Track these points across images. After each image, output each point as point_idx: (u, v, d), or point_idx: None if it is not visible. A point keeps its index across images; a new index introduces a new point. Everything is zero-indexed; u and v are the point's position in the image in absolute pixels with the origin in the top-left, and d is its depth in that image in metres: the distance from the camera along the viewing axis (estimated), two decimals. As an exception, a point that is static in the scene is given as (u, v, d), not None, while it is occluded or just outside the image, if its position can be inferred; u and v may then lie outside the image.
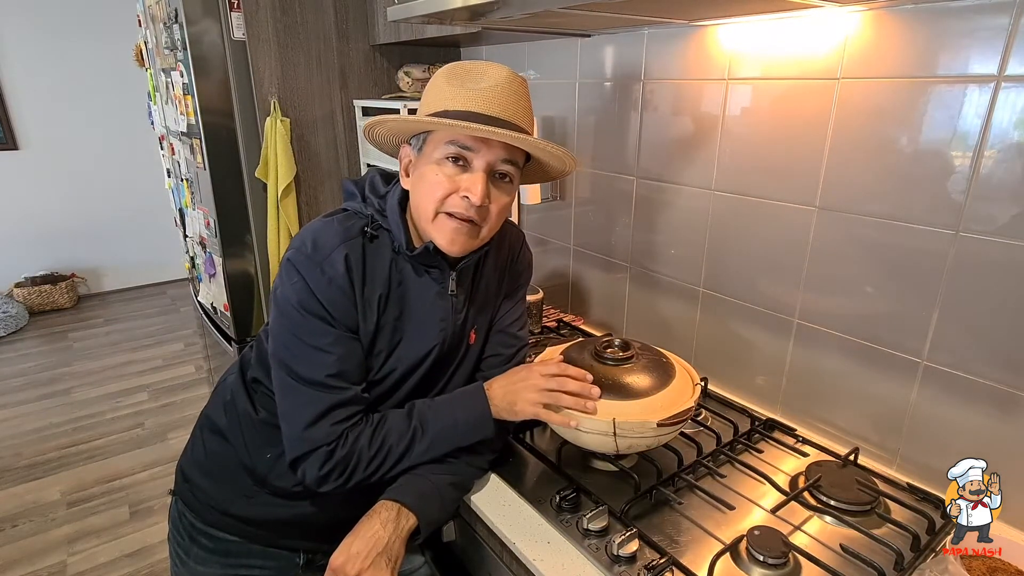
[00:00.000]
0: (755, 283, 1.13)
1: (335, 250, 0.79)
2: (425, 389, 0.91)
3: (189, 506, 0.94)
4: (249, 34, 1.57)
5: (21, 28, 3.54)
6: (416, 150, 0.82)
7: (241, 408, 0.91)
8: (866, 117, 0.90)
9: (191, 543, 0.94)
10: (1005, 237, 0.79)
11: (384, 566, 0.76)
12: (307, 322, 0.78)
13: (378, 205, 0.85)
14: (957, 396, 0.88)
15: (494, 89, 0.77)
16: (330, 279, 0.78)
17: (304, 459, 0.80)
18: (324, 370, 0.79)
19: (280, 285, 0.81)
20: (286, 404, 0.81)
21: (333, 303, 0.78)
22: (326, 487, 0.81)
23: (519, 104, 0.79)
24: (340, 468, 0.80)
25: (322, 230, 0.81)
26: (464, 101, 0.76)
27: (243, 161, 1.70)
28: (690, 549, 0.79)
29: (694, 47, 1.13)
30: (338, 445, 0.79)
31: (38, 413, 2.72)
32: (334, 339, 0.79)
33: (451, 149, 0.77)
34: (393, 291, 0.84)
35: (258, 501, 0.90)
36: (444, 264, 0.86)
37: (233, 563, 0.93)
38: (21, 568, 1.86)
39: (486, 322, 0.97)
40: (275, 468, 0.88)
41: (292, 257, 0.80)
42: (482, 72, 0.79)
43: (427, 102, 0.80)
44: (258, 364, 0.90)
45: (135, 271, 4.28)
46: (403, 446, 0.82)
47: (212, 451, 0.93)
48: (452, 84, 0.77)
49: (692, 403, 0.87)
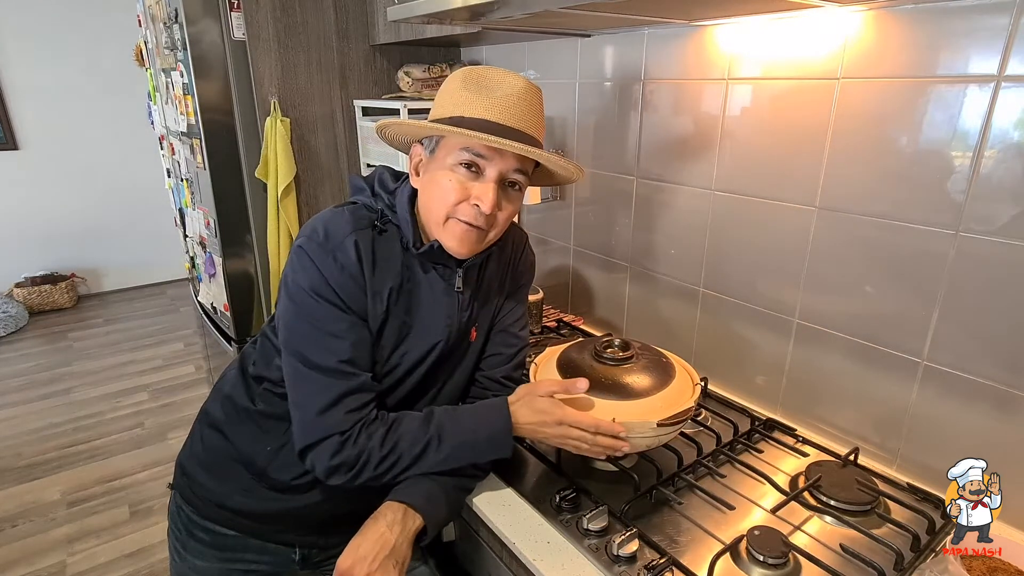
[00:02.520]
0: (755, 283, 1.13)
1: (346, 237, 0.80)
2: (427, 385, 0.91)
3: (187, 500, 0.95)
4: (249, 34, 1.57)
5: (21, 28, 3.54)
6: (428, 151, 0.83)
7: (240, 403, 0.91)
8: (866, 117, 0.90)
9: (188, 537, 0.95)
10: (1005, 237, 0.79)
11: (391, 568, 0.76)
12: (320, 308, 0.79)
13: (388, 200, 0.86)
14: (957, 396, 0.88)
15: (510, 98, 0.77)
16: (342, 266, 0.79)
17: (315, 447, 0.79)
18: (337, 356, 0.79)
19: (292, 272, 0.81)
20: (298, 392, 0.81)
21: (345, 289, 0.79)
22: (334, 480, 0.80)
23: (533, 114, 0.80)
24: (350, 463, 0.79)
25: (333, 219, 0.82)
26: (480, 109, 0.77)
27: (243, 161, 1.70)
28: (690, 549, 0.79)
29: (694, 47, 1.13)
30: (350, 438, 0.79)
31: (38, 413, 2.72)
32: (347, 325, 0.80)
33: (465, 156, 0.78)
34: (404, 285, 0.85)
35: (255, 495, 0.90)
36: (451, 262, 0.87)
37: (229, 557, 0.94)
38: (21, 568, 1.86)
39: (487, 320, 0.97)
40: (274, 461, 0.88)
41: (304, 245, 0.80)
42: (499, 80, 0.79)
43: (441, 105, 0.81)
44: (261, 360, 0.90)
45: (135, 271, 4.28)
46: (416, 452, 0.81)
47: (210, 446, 0.93)
48: (468, 90, 0.78)
49: (692, 403, 0.87)
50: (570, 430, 0.82)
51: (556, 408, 0.83)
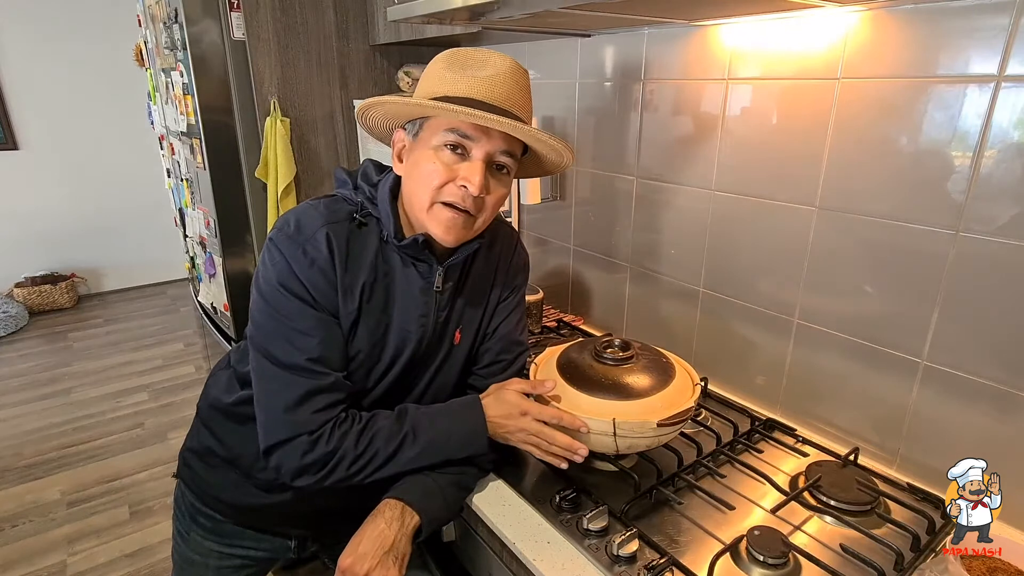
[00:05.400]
0: (755, 283, 1.13)
1: (318, 230, 0.77)
2: (404, 387, 0.89)
3: (190, 488, 0.97)
4: (249, 34, 1.57)
5: (21, 28, 3.54)
6: (412, 136, 0.80)
7: (225, 403, 0.91)
8: (866, 117, 0.90)
9: (191, 522, 0.98)
10: (1005, 237, 0.79)
11: (391, 564, 0.76)
12: (288, 303, 0.76)
13: (369, 192, 0.83)
14: (957, 396, 0.88)
15: (496, 77, 0.75)
16: (312, 260, 0.76)
17: (281, 447, 0.77)
18: (304, 354, 0.76)
19: (261, 266, 0.78)
20: (262, 390, 0.79)
21: (315, 285, 0.76)
22: (301, 481, 0.78)
23: (521, 95, 0.77)
24: (320, 463, 0.77)
25: (305, 211, 0.79)
26: (465, 88, 0.74)
27: (243, 161, 1.70)
28: (690, 549, 0.79)
29: (694, 47, 1.13)
30: (321, 437, 0.77)
31: (38, 413, 2.72)
32: (316, 322, 0.77)
33: (450, 137, 0.75)
34: (379, 280, 0.82)
35: (245, 491, 0.91)
36: (432, 259, 0.84)
37: (229, 543, 0.97)
38: (21, 568, 1.86)
39: (474, 323, 0.94)
40: (258, 462, 0.87)
41: (274, 237, 0.78)
42: (483, 59, 0.76)
43: (425, 88, 0.78)
44: (244, 362, 0.89)
45: (135, 271, 4.28)
46: (390, 450, 0.80)
47: (204, 442, 0.95)
48: (452, 70, 0.75)
49: (692, 403, 0.87)
50: (532, 423, 0.82)
51: (523, 400, 0.84)
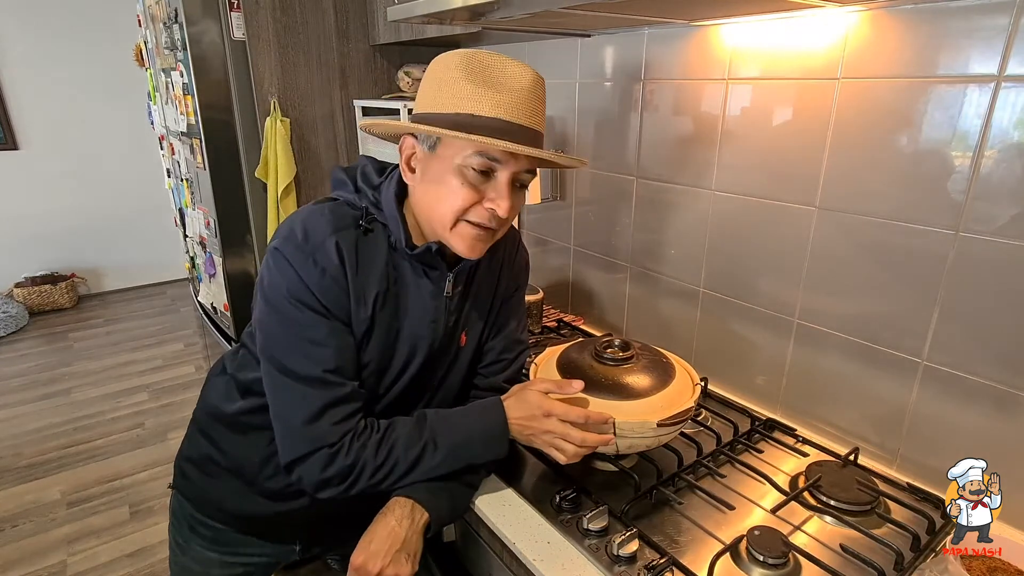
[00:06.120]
0: (755, 283, 1.13)
1: (327, 239, 0.75)
2: (415, 392, 0.88)
3: (188, 498, 0.95)
4: (249, 34, 1.57)
5: (21, 28, 3.54)
6: (426, 147, 0.75)
7: (224, 411, 0.89)
8: (866, 117, 0.90)
9: (190, 532, 0.95)
10: (1005, 237, 0.79)
11: (404, 561, 0.76)
12: (301, 315, 0.74)
13: (372, 197, 0.80)
14: (957, 396, 0.88)
15: (522, 92, 0.71)
16: (323, 269, 0.74)
17: (303, 461, 0.76)
18: (321, 365, 0.75)
19: (268, 275, 0.76)
20: (279, 403, 0.77)
21: (327, 294, 0.75)
22: (325, 493, 0.78)
23: (542, 108, 0.75)
24: (342, 475, 0.76)
25: (311, 218, 0.77)
26: (490, 107, 0.70)
27: (243, 161, 1.70)
28: (690, 549, 0.79)
29: (694, 47, 1.13)
30: (341, 449, 0.76)
31: (38, 413, 2.72)
32: (329, 332, 0.75)
33: (477, 160, 0.72)
34: (391, 288, 0.81)
35: (250, 500, 0.90)
36: (443, 265, 0.83)
37: (230, 551, 0.95)
38: (21, 568, 1.86)
39: (478, 324, 0.93)
40: (263, 471, 0.87)
41: (280, 246, 0.75)
42: (505, 71, 0.72)
43: (442, 99, 0.72)
44: (243, 369, 0.87)
45: (135, 271, 4.28)
46: (411, 458, 0.79)
47: (203, 452, 0.92)
48: (474, 82, 0.70)
49: (692, 403, 0.87)
50: (557, 424, 0.80)
51: (545, 401, 0.81)
